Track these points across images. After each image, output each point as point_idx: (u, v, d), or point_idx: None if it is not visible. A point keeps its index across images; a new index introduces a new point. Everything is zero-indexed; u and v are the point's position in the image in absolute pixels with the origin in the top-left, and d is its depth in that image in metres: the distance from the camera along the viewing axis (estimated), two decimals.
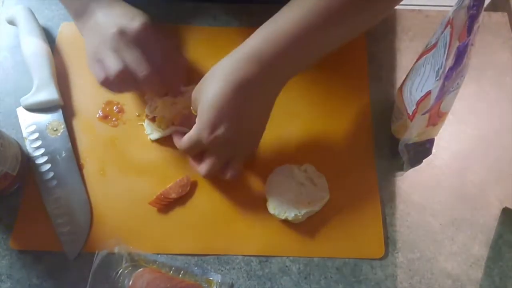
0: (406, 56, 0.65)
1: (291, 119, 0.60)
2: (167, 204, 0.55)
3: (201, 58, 0.63)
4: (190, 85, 0.57)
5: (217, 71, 0.48)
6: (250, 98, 0.47)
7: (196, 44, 0.65)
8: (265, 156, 0.58)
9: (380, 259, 0.54)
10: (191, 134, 0.51)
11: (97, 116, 0.60)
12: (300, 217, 0.53)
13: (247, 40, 0.48)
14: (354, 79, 0.63)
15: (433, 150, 0.56)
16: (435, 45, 0.47)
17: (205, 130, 0.48)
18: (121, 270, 0.51)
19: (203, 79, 0.50)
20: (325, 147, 0.59)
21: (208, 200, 0.56)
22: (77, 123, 0.59)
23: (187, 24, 0.66)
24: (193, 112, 0.52)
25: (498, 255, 0.54)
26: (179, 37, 0.64)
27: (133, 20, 0.50)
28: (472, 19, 0.41)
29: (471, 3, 0.41)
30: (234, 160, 0.52)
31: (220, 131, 0.48)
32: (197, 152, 0.53)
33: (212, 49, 0.63)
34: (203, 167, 0.52)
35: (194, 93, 0.51)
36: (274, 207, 0.54)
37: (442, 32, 0.46)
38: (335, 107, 0.61)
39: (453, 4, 0.46)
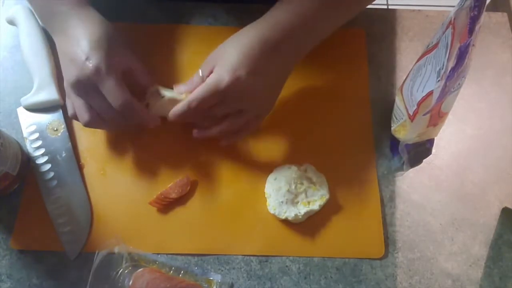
0: (406, 56, 0.65)
1: (291, 119, 0.60)
2: (167, 204, 0.55)
3: (201, 57, 0.62)
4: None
5: (241, 33, 0.52)
6: (271, 58, 0.51)
7: (196, 43, 0.65)
8: (265, 156, 0.58)
9: (380, 259, 0.54)
10: (208, 81, 0.50)
11: None
12: (300, 217, 0.53)
13: (271, 11, 0.53)
14: (354, 79, 0.63)
15: (433, 150, 0.56)
16: (436, 45, 0.47)
17: (226, 72, 0.49)
18: (121, 270, 0.51)
19: (221, 44, 0.53)
20: (325, 147, 0.59)
21: (208, 200, 0.56)
22: (77, 123, 0.59)
23: (187, 24, 0.66)
24: (200, 74, 0.52)
25: (498, 255, 0.54)
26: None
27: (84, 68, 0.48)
28: (473, 20, 0.41)
29: (473, 4, 0.41)
30: (249, 121, 0.54)
31: (241, 73, 0.49)
32: (206, 106, 0.51)
33: (212, 49, 0.62)
34: (217, 127, 0.53)
35: (211, 55, 0.53)
36: (274, 207, 0.54)
37: (444, 33, 0.46)
38: (335, 107, 0.61)
39: (452, 4, 0.46)
